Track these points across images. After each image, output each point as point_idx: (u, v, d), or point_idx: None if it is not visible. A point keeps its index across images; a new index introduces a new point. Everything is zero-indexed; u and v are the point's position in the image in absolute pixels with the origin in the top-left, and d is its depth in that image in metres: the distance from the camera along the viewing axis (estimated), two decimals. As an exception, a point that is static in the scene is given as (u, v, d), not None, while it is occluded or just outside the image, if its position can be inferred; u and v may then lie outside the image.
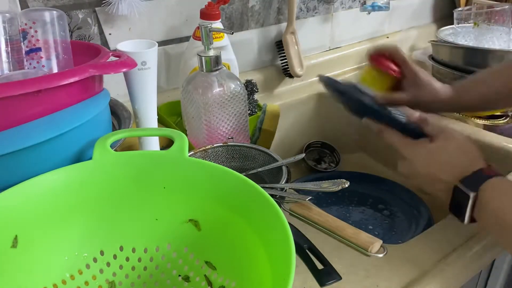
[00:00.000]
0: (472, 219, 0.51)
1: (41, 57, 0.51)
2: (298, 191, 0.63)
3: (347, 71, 1.15)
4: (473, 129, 0.87)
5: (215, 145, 0.66)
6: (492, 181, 0.49)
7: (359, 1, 1.12)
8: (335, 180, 0.53)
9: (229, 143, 0.66)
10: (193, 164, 0.46)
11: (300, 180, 0.95)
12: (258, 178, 0.64)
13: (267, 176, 0.65)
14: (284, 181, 0.58)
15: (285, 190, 0.56)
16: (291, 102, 1.00)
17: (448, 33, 1.02)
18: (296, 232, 0.50)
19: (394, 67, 0.70)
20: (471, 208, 0.50)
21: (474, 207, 0.50)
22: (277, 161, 0.62)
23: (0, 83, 0.40)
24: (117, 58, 0.50)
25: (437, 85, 0.70)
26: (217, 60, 0.67)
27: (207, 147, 0.65)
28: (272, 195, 0.41)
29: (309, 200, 0.53)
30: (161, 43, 0.83)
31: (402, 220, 0.82)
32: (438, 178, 0.53)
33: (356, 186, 0.92)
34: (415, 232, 0.76)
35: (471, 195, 0.49)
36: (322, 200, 0.88)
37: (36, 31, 0.51)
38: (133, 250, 0.46)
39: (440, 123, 0.58)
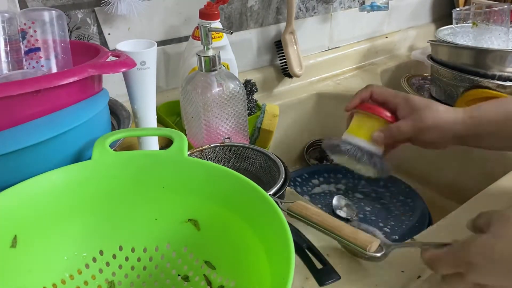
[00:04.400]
0: None
1: (40, 57, 0.51)
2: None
3: (346, 71, 1.16)
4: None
5: (211, 145, 0.65)
6: None
7: (358, 1, 1.12)
8: None
9: (225, 143, 0.66)
10: (193, 164, 0.46)
11: (299, 172, 0.95)
12: (255, 178, 0.64)
13: (264, 176, 0.65)
14: (281, 181, 0.57)
15: None
16: (290, 102, 1.00)
17: (447, 33, 1.02)
18: (295, 232, 0.50)
19: (387, 113, 0.61)
20: None
21: None
22: (274, 161, 0.62)
23: (-1, 83, 0.40)
24: (116, 58, 0.50)
25: (440, 107, 0.58)
26: (216, 60, 0.67)
27: (203, 147, 0.65)
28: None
29: (308, 199, 0.53)
30: (160, 43, 0.83)
31: (401, 219, 0.82)
32: None
33: (355, 183, 0.93)
34: (415, 232, 0.76)
35: None
36: (322, 197, 0.88)
37: (35, 31, 0.51)
38: (133, 250, 0.46)
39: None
